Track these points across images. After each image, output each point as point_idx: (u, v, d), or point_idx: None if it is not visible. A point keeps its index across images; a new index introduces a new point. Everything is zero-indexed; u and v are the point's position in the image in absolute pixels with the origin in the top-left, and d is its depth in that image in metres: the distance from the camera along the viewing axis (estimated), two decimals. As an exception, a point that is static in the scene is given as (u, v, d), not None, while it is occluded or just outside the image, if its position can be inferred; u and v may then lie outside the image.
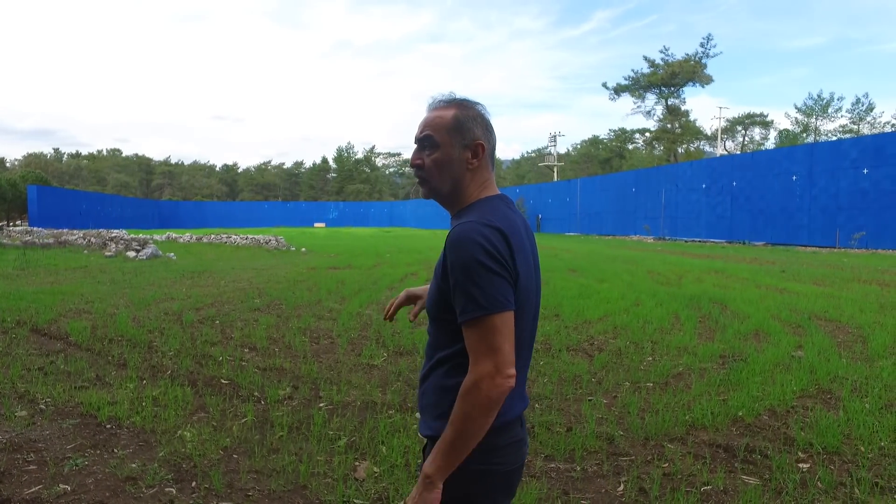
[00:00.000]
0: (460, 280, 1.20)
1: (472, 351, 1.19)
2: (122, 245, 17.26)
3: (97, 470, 3.00)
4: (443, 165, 1.35)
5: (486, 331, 1.18)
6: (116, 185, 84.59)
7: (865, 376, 4.55)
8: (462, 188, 1.37)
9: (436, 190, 1.38)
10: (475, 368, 1.18)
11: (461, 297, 1.20)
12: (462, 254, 1.19)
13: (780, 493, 2.75)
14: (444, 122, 1.37)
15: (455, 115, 1.37)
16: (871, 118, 51.20)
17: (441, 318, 1.30)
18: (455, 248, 1.21)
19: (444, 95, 1.43)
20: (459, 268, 1.20)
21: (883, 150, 21.52)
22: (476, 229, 1.21)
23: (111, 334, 5.99)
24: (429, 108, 1.42)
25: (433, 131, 1.37)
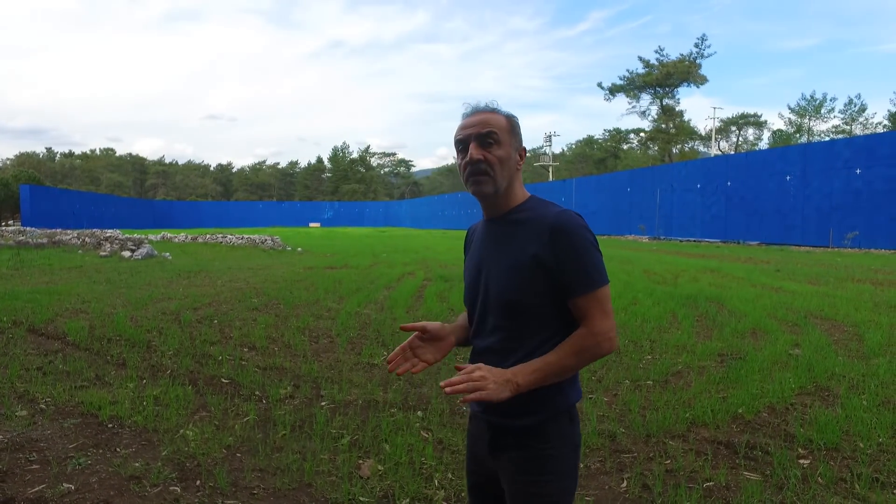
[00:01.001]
0: (578, 258, 1.35)
1: (591, 315, 1.36)
2: (118, 245, 17.18)
3: (100, 469, 3.00)
4: (504, 163, 1.43)
5: (603, 298, 1.37)
6: (110, 184, 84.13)
7: (862, 374, 4.59)
8: (514, 187, 1.47)
9: (497, 186, 1.43)
10: (596, 325, 1.35)
11: (579, 272, 1.35)
12: (576, 235, 1.35)
13: (782, 489, 2.77)
14: (501, 123, 1.45)
15: (508, 119, 1.47)
16: (864, 119, 51.62)
17: (530, 306, 1.39)
18: (567, 232, 1.35)
19: (484, 102, 1.50)
20: (576, 248, 1.35)
21: (875, 151, 21.69)
22: (573, 216, 1.38)
23: (109, 334, 5.96)
24: (472, 112, 1.48)
25: (497, 130, 1.43)
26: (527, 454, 1.40)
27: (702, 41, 48.82)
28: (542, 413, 1.40)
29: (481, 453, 1.51)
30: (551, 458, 1.39)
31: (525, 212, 1.44)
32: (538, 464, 1.39)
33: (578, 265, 1.35)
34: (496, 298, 1.42)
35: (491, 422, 1.46)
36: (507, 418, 1.42)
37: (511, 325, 1.41)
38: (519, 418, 1.40)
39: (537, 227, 1.38)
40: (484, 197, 1.45)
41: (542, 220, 1.39)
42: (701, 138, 58.91)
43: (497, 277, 1.43)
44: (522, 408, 1.39)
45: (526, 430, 1.40)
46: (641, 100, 52.28)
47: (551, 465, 1.39)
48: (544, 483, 1.38)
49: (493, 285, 1.44)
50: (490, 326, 1.45)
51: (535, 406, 1.39)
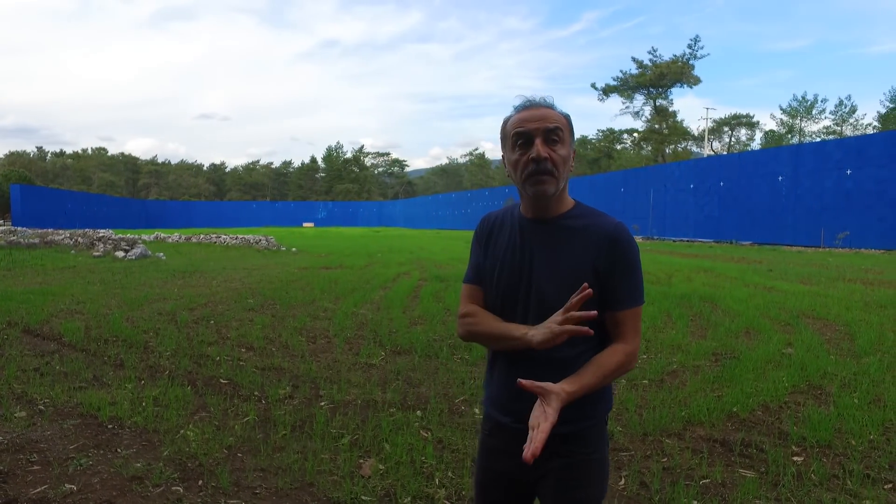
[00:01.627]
0: (630, 273, 1.36)
1: (627, 331, 1.37)
2: (111, 245, 17.09)
3: (102, 470, 3.01)
4: (566, 163, 1.37)
5: (639, 316, 1.39)
6: (102, 184, 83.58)
7: (854, 372, 4.66)
8: (565, 190, 1.42)
9: (557, 187, 1.36)
10: (633, 341, 1.37)
11: (628, 287, 1.36)
12: (631, 250, 1.36)
13: (777, 486, 2.82)
14: (563, 121, 1.37)
15: (567, 118, 1.39)
16: (854, 120, 52.09)
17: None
18: (624, 244, 1.35)
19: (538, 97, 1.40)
20: (630, 262, 1.36)
21: (865, 152, 21.90)
22: (628, 229, 1.39)
23: (106, 335, 5.95)
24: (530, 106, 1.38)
25: (562, 127, 1.36)
26: (573, 461, 1.39)
27: (695, 42, 49.29)
28: (589, 419, 1.40)
29: (506, 467, 1.45)
30: (595, 462, 1.42)
31: (580, 218, 1.39)
32: (585, 470, 1.40)
33: (629, 280, 1.35)
34: (546, 301, 1.35)
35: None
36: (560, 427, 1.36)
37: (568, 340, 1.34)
38: (563, 425, 1.34)
39: (596, 235, 1.35)
40: (543, 197, 1.35)
41: (600, 228, 1.35)
42: (694, 139, 59.25)
43: (548, 280, 1.36)
44: (570, 415, 1.35)
45: (571, 436, 1.39)
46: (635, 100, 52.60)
47: (596, 469, 1.41)
48: (590, 486, 1.40)
49: (543, 288, 1.37)
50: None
51: (583, 412, 1.38)
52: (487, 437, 1.52)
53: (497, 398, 1.47)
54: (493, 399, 1.49)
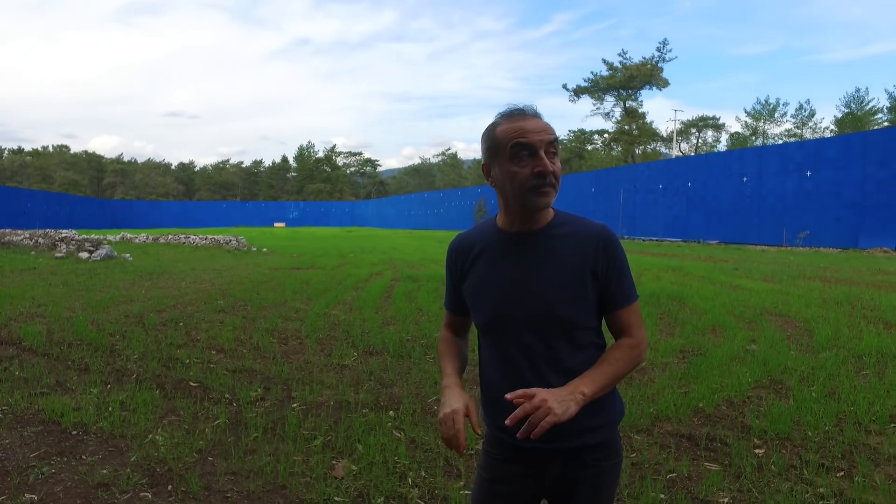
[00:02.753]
0: (623, 272, 1.40)
1: (631, 324, 1.40)
2: (74, 246, 16.60)
3: (65, 478, 2.93)
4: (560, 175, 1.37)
5: (639, 310, 1.44)
6: (64, 183, 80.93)
7: (812, 366, 4.84)
8: None
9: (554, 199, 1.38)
10: (638, 334, 1.40)
11: (623, 285, 1.40)
12: (620, 249, 1.40)
13: (739, 477, 2.92)
14: (553, 133, 1.35)
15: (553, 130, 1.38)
16: (813, 123, 53.84)
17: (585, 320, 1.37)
18: (614, 245, 1.38)
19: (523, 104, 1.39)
20: (620, 262, 1.39)
21: (823, 154, 22.71)
22: (612, 230, 1.42)
23: (69, 338, 5.79)
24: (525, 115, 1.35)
25: (556, 139, 1.36)
26: (602, 468, 1.40)
27: (663, 45, 50.21)
28: (610, 424, 1.41)
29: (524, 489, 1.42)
30: (619, 466, 1.46)
31: (565, 226, 1.38)
32: (613, 474, 1.43)
33: (624, 278, 1.38)
34: (546, 313, 1.34)
35: (558, 449, 1.37)
36: (578, 438, 1.36)
37: (562, 343, 1.35)
38: (586, 436, 1.36)
39: (587, 240, 1.35)
40: (540, 210, 1.35)
41: (589, 233, 1.36)
42: (663, 140, 60.45)
43: (545, 291, 1.34)
44: (592, 423, 1.36)
45: (597, 446, 1.39)
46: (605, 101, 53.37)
47: (617, 474, 1.46)
48: (615, 489, 1.46)
49: (541, 299, 1.34)
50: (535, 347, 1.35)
51: (604, 418, 1.39)
52: (501, 463, 1.44)
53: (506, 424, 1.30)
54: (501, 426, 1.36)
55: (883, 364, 4.95)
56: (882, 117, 46.01)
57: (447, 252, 1.54)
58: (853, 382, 4.41)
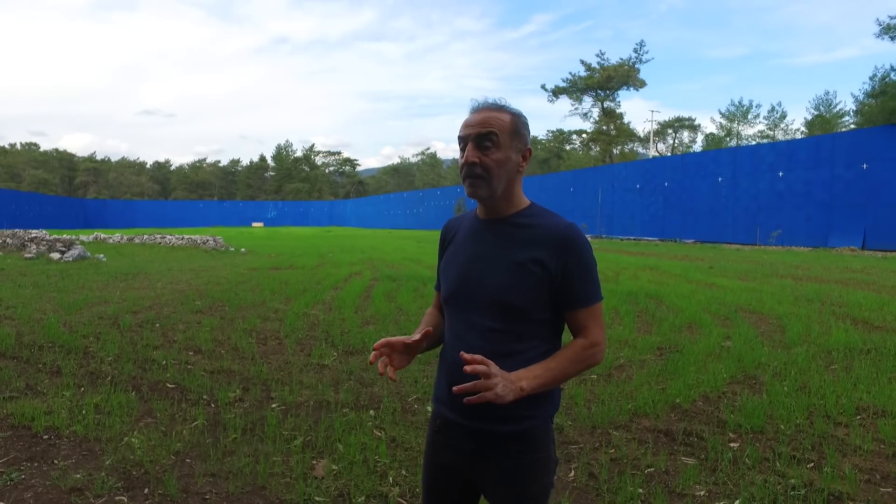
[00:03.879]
0: (585, 270, 1.39)
1: (590, 326, 1.40)
2: (45, 246, 16.18)
3: (36, 483, 2.87)
4: (503, 166, 1.39)
5: (599, 312, 1.41)
6: (34, 182, 78.76)
7: (784, 362, 4.96)
8: (513, 190, 1.44)
9: (493, 190, 1.39)
10: (593, 336, 1.39)
11: (584, 286, 1.39)
12: (584, 250, 1.38)
13: (715, 471, 2.98)
14: (504, 124, 1.39)
15: (512, 119, 1.41)
16: (785, 125, 55.05)
17: (528, 309, 1.38)
18: (576, 244, 1.37)
19: (490, 98, 1.44)
20: (583, 262, 1.38)
21: (794, 155, 23.28)
22: (580, 230, 1.40)
23: (40, 341, 5.65)
24: (477, 109, 1.42)
25: (498, 131, 1.38)
26: (519, 461, 1.39)
27: (640, 46, 50.72)
28: (535, 419, 1.39)
29: (452, 463, 1.47)
30: (541, 461, 1.41)
31: (531, 217, 1.41)
32: (531, 469, 1.39)
33: (584, 279, 1.37)
34: (492, 295, 1.38)
35: (475, 429, 1.40)
36: (497, 424, 1.38)
37: (506, 327, 1.37)
38: (509, 424, 1.37)
39: (546, 234, 1.37)
40: (478, 199, 1.41)
41: (551, 228, 1.37)
42: (640, 140, 61.23)
43: (495, 275, 1.38)
44: (516, 413, 1.36)
45: (516, 435, 1.38)
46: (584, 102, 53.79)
47: (541, 467, 1.41)
48: (534, 484, 1.40)
49: (489, 282, 1.39)
50: (481, 327, 1.39)
51: (530, 411, 1.38)
52: (435, 434, 1.52)
53: (444, 394, 1.45)
54: (440, 395, 1.49)
55: (850, 359, 5.10)
56: (849, 120, 47.28)
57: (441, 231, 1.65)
58: (823, 377, 4.53)
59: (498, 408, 1.29)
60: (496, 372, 1.26)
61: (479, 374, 1.24)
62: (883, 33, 25.20)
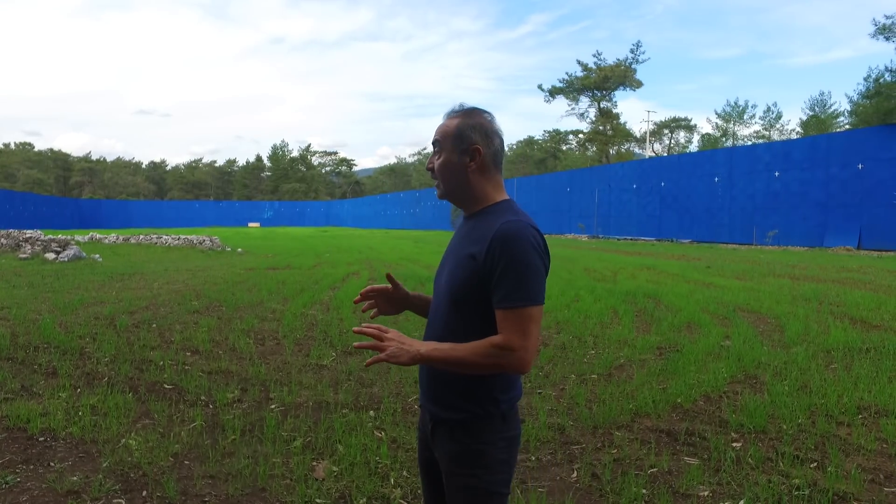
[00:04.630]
0: (509, 271, 1.35)
1: (507, 329, 1.35)
2: (40, 246, 16.08)
3: (32, 486, 2.83)
4: (445, 168, 1.50)
5: (524, 318, 1.35)
6: (28, 181, 78.31)
7: (784, 361, 4.95)
8: (472, 189, 1.50)
9: (445, 191, 1.53)
10: (508, 339, 1.34)
11: (507, 284, 1.35)
12: (515, 248, 1.35)
13: (718, 471, 2.96)
14: (448, 130, 1.51)
15: (458, 123, 1.50)
16: (780, 125, 55.24)
17: (470, 303, 1.42)
18: (508, 241, 1.35)
19: (457, 106, 1.56)
20: (510, 260, 1.35)
21: (790, 155, 23.35)
22: (525, 229, 1.38)
23: (35, 341, 5.60)
24: (443, 118, 1.56)
25: (440, 137, 1.52)
26: (458, 448, 1.44)
27: (637, 47, 50.91)
28: (468, 410, 1.43)
29: (427, 438, 1.58)
30: (480, 454, 1.42)
31: (487, 215, 1.46)
32: (467, 458, 1.43)
33: (506, 278, 1.34)
34: (444, 290, 1.49)
35: (429, 411, 1.51)
36: (438, 408, 1.48)
37: (455, 318, 1.44)
38: (447, 411, 1.46)
39: (485, 230, 1.40)
40: (442, 199, 1.55)
41: (492, 225, 1.40)
42: (636, 140, 61.29)
43: (448, 270, 1.49)
44: (449, 401, 1.45)
45: (456, 423, 1.45)
46: (580, 102, 53.81)
47: (481, 460, 1.42)
48: (473, 476, 1.43)
49: (444, 277, 1.50)
50: (439, 317, 1.49)
51: (460, 402, 1.44)
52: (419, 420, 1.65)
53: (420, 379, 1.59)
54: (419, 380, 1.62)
55: (850, 358, 5.09)
56: (843, 120, 47.46)
57: None
58: (823, 376, 4.52)
59: (442, 394, 1.45)
60: (393, 336, 1.35)
61: (371, 336, 1.35)
62: (878, 34, 25.30)
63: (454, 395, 1.45)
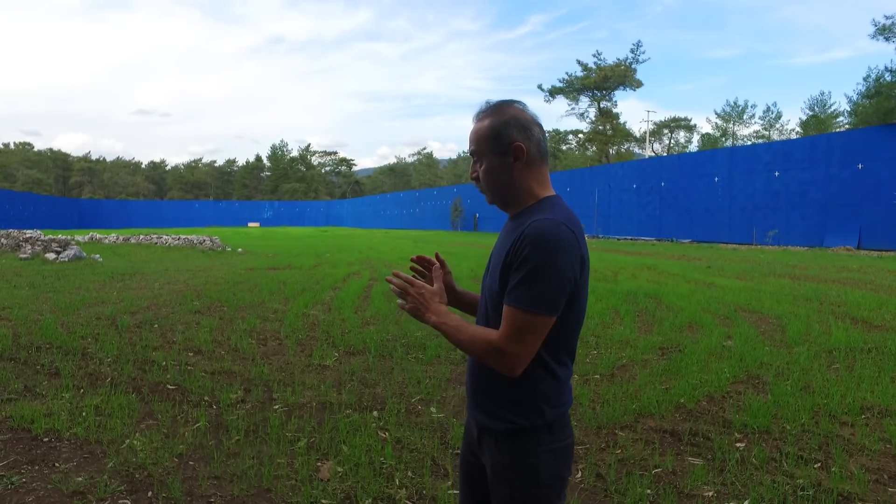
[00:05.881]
0: (524, 269, 1.29)
1: (505, 329, 1.31)
2: (40, 246, 16.07)
3: (38, 487, 2.83)
4: (489, 175, 1.43)
5: (522, 322, 1.29)
6: (28, 181, 78.32)
7: (786, 361, 4.96)
8: (519, 189, 1.42)
9: (498, 198, 1.46)
10: (501, 337, 1.31)
11: (519, 283, 1.30)
12: (538, 248, 1.28)
13: (723, 471, 2.97)
14: (482, 133, 1.43)
15: (490, 124, 1.42)
16: (780, 125, 55.30)
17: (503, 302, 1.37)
18: (534, 242, 1.29)
19: (483, 105, 1.46)
20: (531, 260, 1.28)
21: (791, 155, 23.36)
22: (556, 227, 1.30)
23: (38, 342, 5.60)
24: (473, 121, 1.47)
25: (476, 145, 1.45)
26: (503, 459, 1.40)
27: (637, 47, 50.85)
28: (512, 421, 1.38)
29: (473, 445, 1.54)
30: (525, 466, 1.38)
31: (525, 216, 1.40)
32: (512, 470, 1.39)
33: (520, 276, 1.29)
34: (486, 290, 1.47)
35: (475, 419, 1.48)
36: (482, 417, 1.44)
37: (495, 318, 1.40)
38: (491, 420, 1.41)
39: (519, 230, 1.35)
40: (492, 205, 1.49)
41: (524, 224, 1.35)
42: (636, 140, 61.32)
43: (491, 270, 1.45)
44: (493, 410, 1.41)
45: (500, 434, 1.40)
46: (580, 102, 53.83)
47: (526, 473, 1.38)
48: (518, 488, 1.38)
49: (487, 278, 1.48)
50: (482, 316, 1.49)
51: (503, 412, 1.39)
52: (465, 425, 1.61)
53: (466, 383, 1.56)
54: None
55: (852, 358, 5.10)
56: (843, 120, 47.50)
57: None
58: (825, 376, 4.53)
59: (486, 403, 1.42)
60: (415, 294, 1.41)
61: (399, 286, 1.42)
62: (878, 34, 25.32)
63: (498, 404, 1.40)
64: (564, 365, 1.41)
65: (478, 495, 1.55)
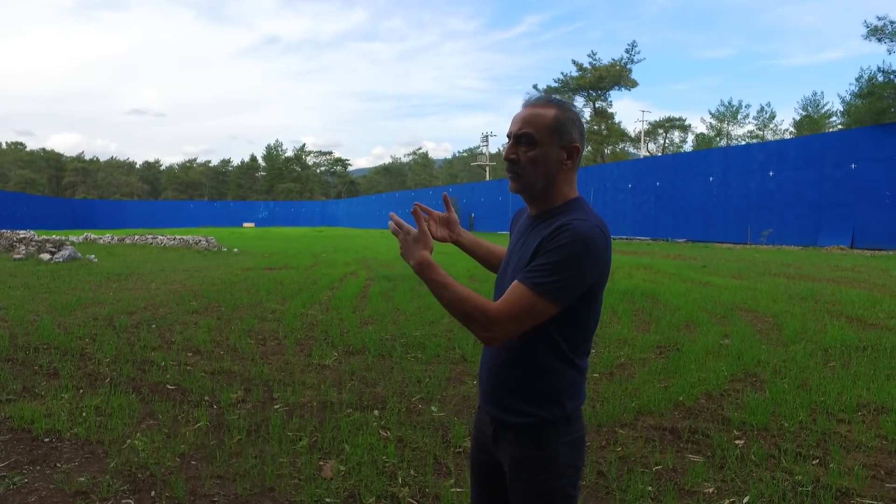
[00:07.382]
0: (552, 258, 1.29)
1: (505, 299, 1.31)
2: (34, 247, 15.99)
3: (40, 487, 2.83)
4: (538, 163, 1.40)
5: (523, 300, 1.29)
6: (20, 182, 77.80)
7: (783, 359, 5.00)
8: (555, 187, 1.43)
9: (529, 187, 1.42)
10: (498, 308, 1.30)
11: (538, 263, 1.31)
12: (573, 245, 1.28)
13: (723, 468, 3.00)
14: (544, 120, 1.39)
15: (556, 115, 1.40)
16: (774, 125, 55.63)
17: None
18: (572, 237, 1.29)
19: (542, 94, 1.47)
20: (556, 250, 1.29)
21: (785, 155, 23.49)
22: (592, 230, 1.31)
23: (35, 342, 5.58)
24: (525, 105, 1.44)
25: (533, 129, 1.39)
26: (523, 452, 1.42)
27: (632, 47, 50.93)
28: (534, 414, 1.40)
29: (487, 442, 1.54)
30: (546, 458, 1.40)
31: (559, 215, 1.39)
32: (534, 462, 1.41)
33: (544, 261, 1.29)
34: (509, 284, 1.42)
35: (491, 415, 1.48)
36: (502, 413, 1.44)
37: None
38: (511, 415, 1.42)
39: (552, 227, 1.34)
40: (516, 193, 1.45)
41: (556, 221, 1.35)
42: (631, 140, 61.49)
43: (515, 269, 1.42)
44: (513, 405, 1.42)
45: (521, 428, 1.41)
46: (575, 102, 53.98)
47: (547, 464, 1.40)
48: (539, 480, 1.40)
49: (511, 273, 1.43)
50: None
51: (524, 406, 1.41)
52: (476, 416, 1.61)
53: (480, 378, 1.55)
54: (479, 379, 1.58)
55: (848, 356, 5.14)
56: (836, 120, 47.82)
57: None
58: (822, 374, 4.57)
59: (505, 399, 1.42)
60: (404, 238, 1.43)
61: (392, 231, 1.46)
62: (871, 35, 25.46)
63: (520, 399, 1.41)
64: (583, 358, 1.44)
65: (491, 493, 1.56)
